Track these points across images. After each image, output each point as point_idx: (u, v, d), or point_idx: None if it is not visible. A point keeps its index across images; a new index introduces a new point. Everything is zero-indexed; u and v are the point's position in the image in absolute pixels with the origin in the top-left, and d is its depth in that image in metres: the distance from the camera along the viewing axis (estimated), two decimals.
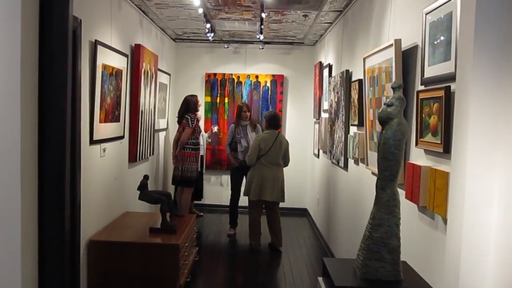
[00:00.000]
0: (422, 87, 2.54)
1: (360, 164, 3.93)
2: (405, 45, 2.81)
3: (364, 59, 3.56)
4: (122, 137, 4.57)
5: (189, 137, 5.84)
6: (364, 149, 3.70)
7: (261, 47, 7.16)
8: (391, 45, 2.86)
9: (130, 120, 4.84)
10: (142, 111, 5.07)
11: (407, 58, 2.80)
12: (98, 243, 3.72)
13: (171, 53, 7.18)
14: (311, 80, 7.18)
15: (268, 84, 7.41)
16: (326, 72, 5.84)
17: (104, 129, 3.98)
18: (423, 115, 2.46)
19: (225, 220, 6.41)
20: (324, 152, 5.75)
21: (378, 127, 3.13)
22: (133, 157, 4.89)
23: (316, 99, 6.60)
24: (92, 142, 3.72)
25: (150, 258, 3.70)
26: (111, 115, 4.17)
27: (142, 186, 4.10)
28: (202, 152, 6.59)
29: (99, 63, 3.76)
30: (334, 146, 4.97)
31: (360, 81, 3.86)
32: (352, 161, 4.22)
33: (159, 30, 6.22)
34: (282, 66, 7.46)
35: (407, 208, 2.70)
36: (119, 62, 4.32)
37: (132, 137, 4.86)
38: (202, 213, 6.99)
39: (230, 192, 6.25)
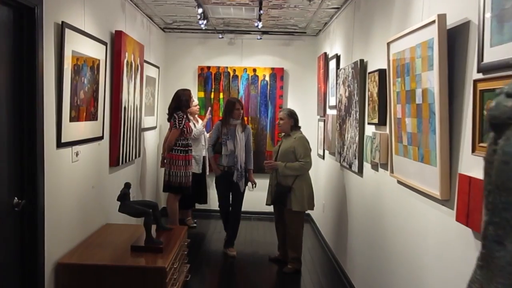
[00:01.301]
0: (480, 75, 1.93)
1: (381, 170, 3.32)
2: (449, 23, 2.20)
3: (388, 45, 2.95)
4: (100, 138, 3.93)
5: (177, 138, 5.22)
6: (387, 153, 3.09)
7: (259, 37, 6.53)
8: (431, 23, 2.25)
9: (111, 118, 4.21)
10: (125, 108, 4.44)
11: (453, 39, 2.19)
12: (68, 266, 3.09)
13: (160, 44, 6.54)
14: (314, 74, 6.56)
15: (267, 78, 6.79)
16: (332, 63, 5.23)
17: (76, 129, 3.35)
18: (484, 112, 1.85)
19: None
20: (331, 153, 5.14)
21: (411, 127, 2.52)
22: (115, 160, 4.26)
23: (320, 94, 5.99)
24: (61, 144, 3.09)
25: (131, 284, 3.08)
26: (86, 113, 3.54)
27: (123, 196, 3.47)
28: (204, 153, 5.96)
29: (67, 50, 3.13)
30: (345, 147, 4.36)
31: (381, 72, 3.24)
32: (369, 165, 3.61)
33: (145, 17, 5.57)
34: (282, 58, 6.84)
35: (457, 234, 2.10)
36: (95, 51, 3.69)
37: (113, 138, 4.23)
38: (195, 224, 6.30)
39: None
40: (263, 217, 6.61)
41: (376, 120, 3.33)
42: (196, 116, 6.16)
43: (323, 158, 5.71)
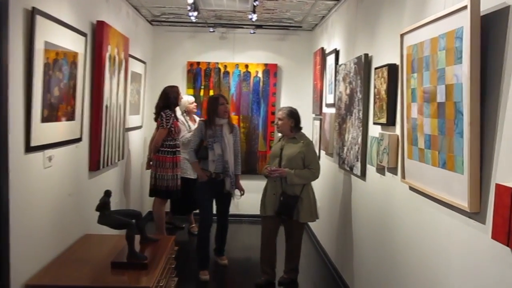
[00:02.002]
0: None
1: (389, 174, 3.01)
2: (482, 9, 1.88)
3: (401, 37, 2.62)
4: (79, 140, 3.56)
5: (164, 139, 4.87)
6: (398, 157, 2.77)
7: (252, 31, 6.19)
8: (461, 9, 1.92)
9: (91, 118, 3.84)
10: (107, 106, 4.07)
11: (487, 28, 1.87)
12: None
13: (147, 38, 6.16)
14: (309, 70, 6.23)
15: (260, 75, 6.45)
16: (331, 59, 4.91)
17: (49, 131, 2.98)
18: None
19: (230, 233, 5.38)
20: (329, 154, 4.82)
21: (431, 128, 2.20)
22: (95, 164, 3.89)
23: (316, 91, 5.67)
24: (30, 149, 2.71)
25: None
26: (62, 112, 3.17)
27: (102, 206, 3.11)
28: None
29: (39, 41, 2.75)
30: (345, 148, 4.04)
31: (391, 67, 2.92)
32: (374, 168, 3.29)
33: (131, 8, 5.20)
34: (276, 54, 6.50)
35: (493, 254, 1.78)
36: (73, 43, 3.32)
37: (93, 139, 3.85)
38: (183, 225, 5.98)
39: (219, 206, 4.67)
40: (255, 220, 6.27)
41: (383, 120, 3.01)
42: (194, 116, 5.80)
43: (319, 159, 5.38)
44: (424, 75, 2.32)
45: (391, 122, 2.93)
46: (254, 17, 5.10)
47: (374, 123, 3.23)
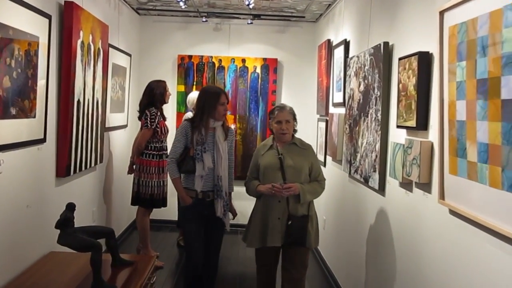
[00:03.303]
0: None
1: (418, 190, 2.42)
2: None
3: (441, 14, 2.04)
4: (41, 141, 2.97)
5: (149, 140, 4.30)
6: (433, 170, 2.19)
7: (249, 22, 5.59)
8: None
9: (59, 115, 3.24)
10: (79, 102, 3.47)
11: None
12: None
13: (133, 28, 5.56)
14: (313, 66, 5.65)
15: (258, 70, 5.86)
16: (339, 52, 4.32)
17: None
18: None
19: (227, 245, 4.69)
20: (337, 161, 4.23)
21: (489, 135, 1.62)
22: (64, 169, 3.29)
23: (321, 89, 5.09)
24: None
25: None
26: (13, 108, 2.57)
27: (63, 223, 2.51)
28: None
29: None
30: (358, 155, 3.46)
31: (422, 56, 2.34)
32: (396, 182, 2.71)
33: None
34: (276, 47, 5.91)
35: None
36: (32, 24, 2.73)
37: (61, 140, 3.26)
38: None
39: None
40: None
41: (412, 123, 2.43)
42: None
43: (325, 166, 4.80)
44: (479, 62, 1.74)
45: (422, 125, 2.35)
46: (252, 2, 4.51)
47: (398, 127, 2.65)
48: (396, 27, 2.89)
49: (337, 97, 4.35)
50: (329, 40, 4.86)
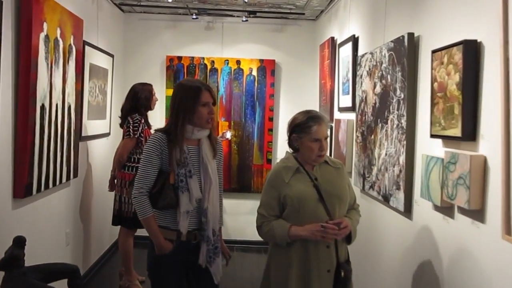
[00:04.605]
0: None
1: (464, 218, 1.90)
2: None
3: None
4: None
5: (132, 151, 3.78)
6: (488, 193, 1.67)
7: (244, 19, 5.08)
8: None
9: (15, 124, 2.69)
10: (43, 107, 2.93)
11: None
12: None
13: (116, 26, 5.03)
14: (314, 67, 5.14)
15: (254, 73, 5.34)
16: (346, 50, 3.82)
17: None
18: None
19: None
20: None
21: None
22: (23, 188, 2.73)
23: (324, 92, 4.57)
24: None
25: None
26: None
27: (9, 262, 1.97)
28: None
29: None
30: (374, 168, 2.93)
31: (469, 45, 1.82)
32: (430, 204, 2.19)
33: None
34: (273, 48, 5.39)
35: None
36: None
37: (19, 154, 2.71)
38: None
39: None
40: (249, 247, 5.18)
41: (455, 131, 1.90)
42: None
43: None
44: None
45: (469, 135, 1.83)
46: None
47: (433, 136, 2.12)
48: (423, 15, 2.38)
49: (344, 101, 3.84)
50: (332, 38, 4.36)
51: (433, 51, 2.12)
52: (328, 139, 2.21)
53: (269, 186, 2.27)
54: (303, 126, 2.21)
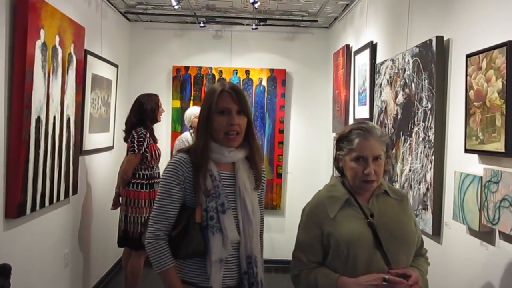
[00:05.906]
0: None
1: (507, 244, 1.65)
2: None
3: None
4: None
5: (136, 167, 3.58)
6: None
7: (254, 27, 4.88)
8: None
9: (8, 137, 2.49)
10: (39, 120, 2.73)
11: None
12: None
13: (121, 35, 4.86)
14: (328, 77, 4.92)
15: (264, 83, 5.13)
16: (362, 57, 3.60)
17: None
18: None
19: None
20: None
21: None
22: (15, 207, 2.52)
23: (339, 103, 4.35)
24: None
25: None
26: None
27: None
28: None
29: None
30: (397, 185, 2.69)
31: None
32: (464, 228, 1.94)
33: None
34: (284, 57, 5.19)
35: None
36: None
37: (12, 170, 2.50)
38: None
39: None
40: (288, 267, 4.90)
41: (497, 146, 1.66)
42: None
43: None
44: None
45: None
46: (257, 2, 3.80)
47: (468, 151, 1.88)
48: (453, 17, 2.15)
49: (361, 112, 3.61)
50: (347, 46, 4.14)
51: (468, 55, 1.89)
52: (384, 158, 1.71)
53: (309, 221, 1.73)
54: (345, 140, 1.71)
